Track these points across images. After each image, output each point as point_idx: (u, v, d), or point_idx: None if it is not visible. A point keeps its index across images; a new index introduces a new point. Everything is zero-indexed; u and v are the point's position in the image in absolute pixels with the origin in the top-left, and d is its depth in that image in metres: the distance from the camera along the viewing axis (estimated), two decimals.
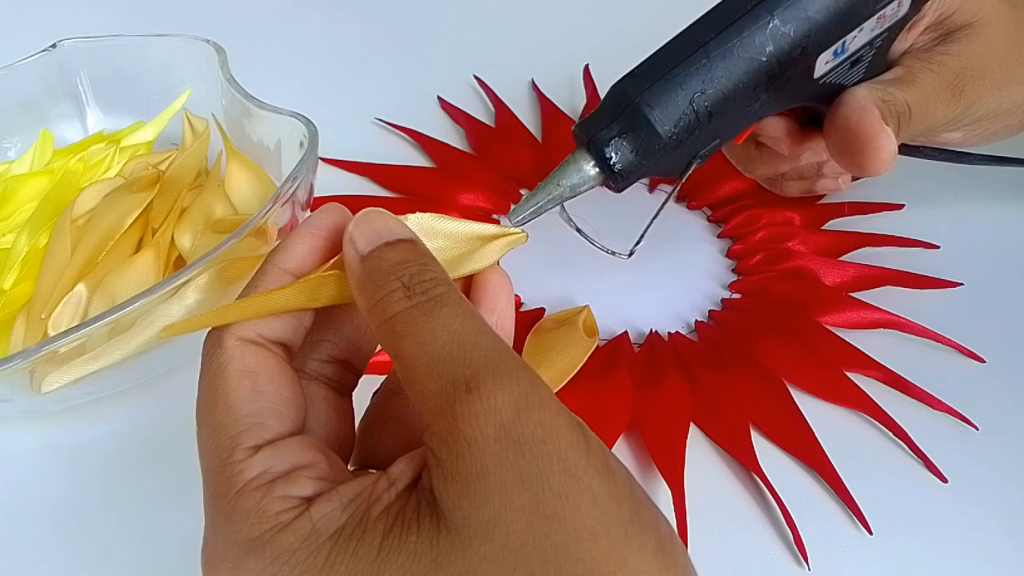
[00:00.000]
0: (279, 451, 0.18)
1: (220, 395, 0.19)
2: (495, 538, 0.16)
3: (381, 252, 0.19)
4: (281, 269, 0.20)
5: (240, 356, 0.19)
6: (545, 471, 0.16)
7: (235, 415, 0.18)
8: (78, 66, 0.45)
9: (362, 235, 0.19)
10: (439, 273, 0.19)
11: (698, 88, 0.26)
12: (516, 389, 0.17)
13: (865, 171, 0.29)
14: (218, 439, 0.18)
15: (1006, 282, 0.40)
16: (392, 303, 0.18)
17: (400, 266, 0.19)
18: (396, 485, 0.18)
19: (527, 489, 0.16)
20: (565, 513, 0.16)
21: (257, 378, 0.19)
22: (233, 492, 0.18)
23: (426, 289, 0.18)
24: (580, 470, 0.16)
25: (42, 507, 0.31)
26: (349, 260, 0.19)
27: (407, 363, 0.18)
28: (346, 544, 0.17)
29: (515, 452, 0.16)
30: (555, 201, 0.27)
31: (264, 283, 0.20)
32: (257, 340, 0.19)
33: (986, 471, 0.32)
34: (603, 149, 0.26)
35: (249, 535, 0.17)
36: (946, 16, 0.31)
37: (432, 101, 0.53)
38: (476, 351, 0.17)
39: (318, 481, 0.18)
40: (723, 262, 0.41)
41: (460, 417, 0.16)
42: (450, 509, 0.16)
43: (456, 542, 0.16)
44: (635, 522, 0.16)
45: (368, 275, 0.19)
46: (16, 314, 0.34)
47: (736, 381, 0.34)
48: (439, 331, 0.17)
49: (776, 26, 0.26)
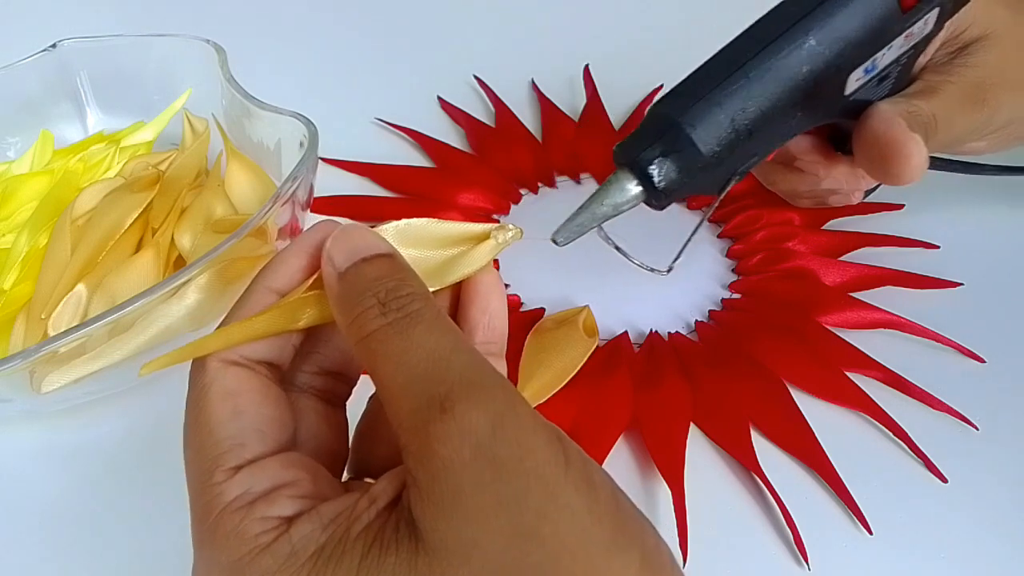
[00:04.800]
0: (259, 471, 0.18)
1: (202, 417, 0.19)
2: (473, 560, 0.16)
3: (358, 268, 0.19)
4: (268, 288, 0.20)
5: (221, 378, 0.19)
6: (523, 490, 0.16)
7: (215, 437, 0.18)
8: (78, 66, 0.45)
9: (340, 251, 0.19)
10: (416, 287, 0.19)
11: (739, 107, 0.26)
12: (492, 407, 0.16)
13: (898, 179, 0.29)
14: (200, 461, 0.18)
15: (1006, 282, 0.40)
16: (368, 321, 0.18)
17: (376, 282, 0.18)
18: (377, 504, 0.17)
19: (505, 510, 0.16)
20: (544, 533, 0.16)
21: (238, 399, 0.19)
22: (214, 515, 0.17)
23: (402, 305, 0.18)
24: (559, 487, 0.16)
25: (42, 507, 0.31)
26: (328, 277, 0.19)
27: (383, 382, 0.18)
28: (325, 565, 0.16)
29: (492, 472, 0.16)
30: (598, 220, 0.27)
31: (249, 303, 0.20)
32: (240, 361, 0.19)
33: (986, 471, 0.31)
34: (646, 168, 0.26)
35: (230, 558, 0.17)
36: (960, 31, 0.32)
37: (432, 101, 0.53)
38: (451, 369, 0.17)
39: (299, 500, 0.18)
40: (723, 262, 0.41)
41: (435, 438, 0.16)
42: (428, 530, 0.16)
43: (434, 564, 0.16)
44: (617, 539, 0.16)
45: (345, 292, 0.19)
46: (16, 314, 0.34)
47: (736, 381, 0.34)
48: (413, 349, 0.17)
49: (812, 46, 0.26)
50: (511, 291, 0.39)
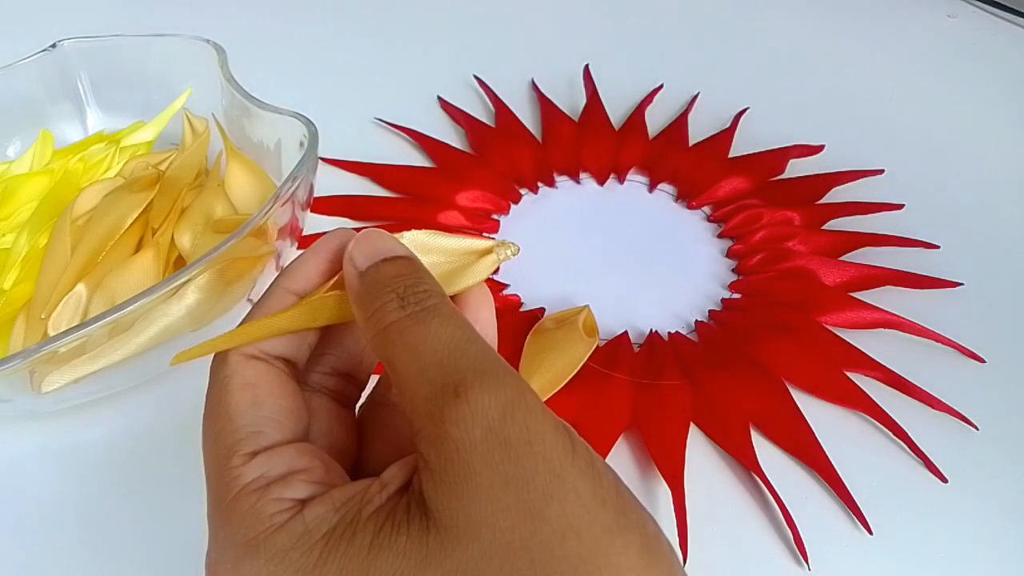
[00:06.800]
0: (275, 457, 0.19)
1: (222, 407, 0.20)
2: (482, 537, 0.16)
3: (378, 267, 0.20)
4: (286, 290, 0.21)
5: (242, 370, 0.20)
6: (531, 471, 0.17)
7: (234, 424, 0.19)
8: (78, 66, 0.45)
9: (361, 253, 0.20)
10: (433, 286, 0.20)
11: None
12: (503, 393, 0.17)
13: None
14: (218, 447, 0.19)
15: (1006, 282, 0.40)
16: (387, 313, 0.19)
17: (396, 279, 0.20)
18: (388, 488, 0.18)
19: (513, 489, 0.16)
20: (550, 512, 0.16)
21: (257, 390, 0.20)
22: (231, 496, 0.18)
23: (420, 300, 0.19)
24: (565, 470, 0.17)
25: (42, 507, 0.31)
26: (349, 276, 0.20)
27: (400, 370, 0.18)
28: (337, 544, 0.17)
29: (501, 453, 0.17)
30: None
31: (270, 304, 0.21)
32: (259, 355, 0.20)
33: (986, 471, 0.32)
34: None
35: (245, 536, 0.18)
36: None
37: (432, 101, 0.53)
38: (465, 357, 0.18)
39: (312, 484, 0.19)
40: (723, 262, 0.41)
41: (448, 420, 0.17)
42: (439, 509, 0.17)
43: (444, 541, 0.17)
44: (620, 521, 0.17)
45: (366, 288, 0.20)
46: (16, 314, 0.34)
47: (736, 381, 0.34)
48: (430, 339, 0.18)
49: None
50: (511, 291, 0.39)
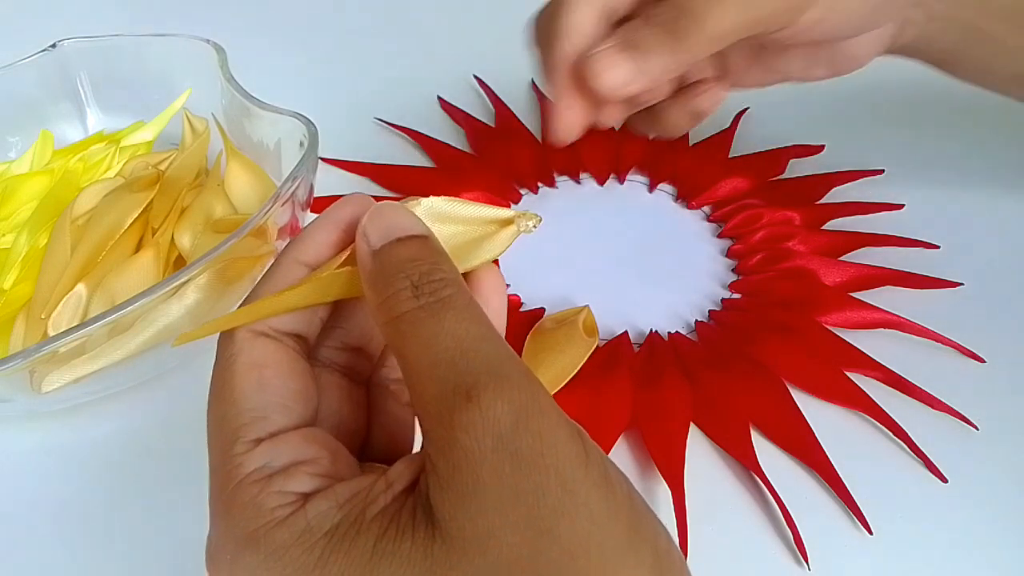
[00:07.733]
0: (280, 445, 0.18)
1: (227, 388, 0.19)
2: (489, 552, 0.16)
3: (392, 248, 0.19)
4: (296, 261, 0.20)
5: (249, 349, 0.19)
6: (542, 485, 0.16)
7: (238, 408, 0.18)
8: (78, 66, 0.45)
9: (376, 229, 0.19)
10: (449, 273, 0.19)
11: None
12: (516, 398, 0.16)
13: None
14: (222, 432, 0.18)
15: (1006, 282, 0.40)
16: (400, 302, 0.18)
17: (410, 263, 0.18)
18: (393, 488, 0.18)
19: (523, 503, 0.16)
20: (561, 529, 0.16)
21: (264, 371, 0.19)
22: (232, 485, 0.18)
23: (435, 290, 0.18)
24: (578, 484, 0.16)
25: (42, 507, 0.31)
26: (361, 254, 0.19)
27: (410, 364, 0.18)
28: (339, 544, 0.17)
29: (512, 465, 0.16)
30: None
31: (278, 275, 0.20)
32: (268, 332, 0.19)
33: (986, 471, 0.31)
34: None
35: (245, 529, 0.17)
36: None
37: (432, 101, 0.53)
38: (479, 357, 0.17)
39: (317, 477, 0.18)
40: (723, 262, 0.41)
41: (458, 426, 0.16)
42: (445, 519, 0.16)
43: (451, 553, 0.16)
44: (632, 538, 0.16)
45: (378, 271, 0.19)
46: (16, 314, 0.34)
47: (736, 381, 0.34)
48: (443, 335, 0.17)
49: None
50: (511, 291, 0.39)
